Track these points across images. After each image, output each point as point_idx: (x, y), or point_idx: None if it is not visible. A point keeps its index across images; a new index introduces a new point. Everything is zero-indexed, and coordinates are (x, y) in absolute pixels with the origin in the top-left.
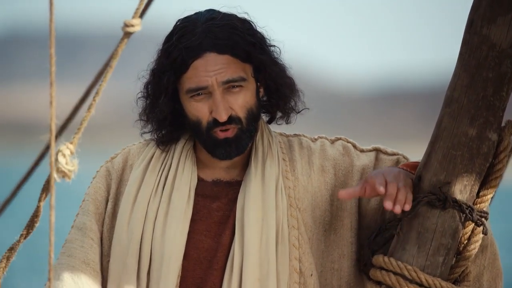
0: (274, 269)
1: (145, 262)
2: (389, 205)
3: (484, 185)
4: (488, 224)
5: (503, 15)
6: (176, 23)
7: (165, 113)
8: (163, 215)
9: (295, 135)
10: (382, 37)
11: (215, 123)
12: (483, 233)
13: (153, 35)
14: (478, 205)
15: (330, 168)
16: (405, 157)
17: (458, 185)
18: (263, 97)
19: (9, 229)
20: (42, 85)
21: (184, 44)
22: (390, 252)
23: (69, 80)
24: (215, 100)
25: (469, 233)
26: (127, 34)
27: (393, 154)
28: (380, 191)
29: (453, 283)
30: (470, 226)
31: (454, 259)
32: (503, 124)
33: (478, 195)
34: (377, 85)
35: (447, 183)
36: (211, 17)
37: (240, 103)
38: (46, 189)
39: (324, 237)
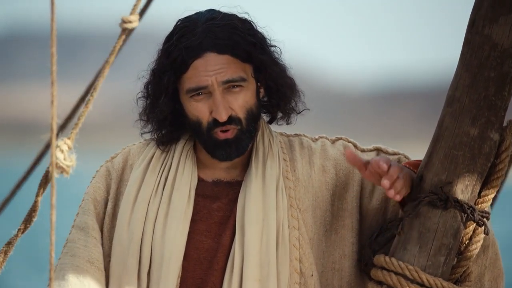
0: (275, 269)
1: (145, 262)
2: (386, 183)
3: (485, 185)
4: (490, 224)
5: (505, 14)
6: (177, 23)
7: (165, 113)
8: (163, 215)
9: (296, 135)
10: (382, 37)
11: (215, 123)
12: (484, 233)
13: (153, 35)
14: (480, 205)
15: (331, 168)
16: (406, 157)
17: (460, 185)
18: (263, 97)
19: (10, 228)
20: (42, 85)
21: (184, 44)
22: (391, 252)
23: (69, 80)
24: (215, 100)
25: (471, 233)
26: (125, 30)
27: (394, 153)
28: (383, 167)
29: (455, 283)
30: (472, 226)
31: (456, 259)
32: (505, 124)
33: (479, 195)
34: (377, 85)
35: (449, 183)
36: (212, 17)
37: (240, 103)
38: (44, 184)
39: (325, 237)
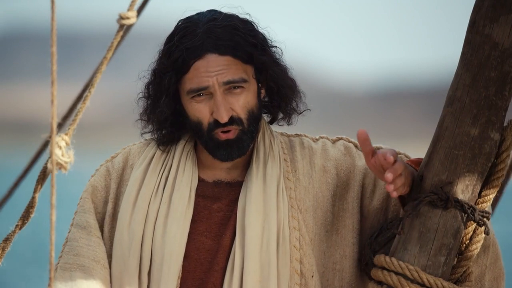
0: (275, 270)
1: (145, 262)
2: (390, 177)
3: (486, 185)
4: (490, 224)
5: (505, 14)
6: (178, 23)
7: (166, 113)
8: (164, 216)
9: (297, 135)
10: (382, 36)
11: (216, 124)
12: (485, 233)
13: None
14: (480, 205)
15: (331, 168)
16: (407, 156)
17: (460, 185)
18: (264, 98)
19: (8, 225)
20: (42, 84)
21: (186, 45)
22: (392, 252)
23: (68, 80)
24: (216, 101)
25: (471, 233)
26: (122, 26)
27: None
28: (389, 159)
29: (455, 283)
30: (472, 226)
31: (456, 259)
32: (505, 124)
33: (480, 195)
34: (377, 85)
35: (449, 182)
36: (213, 17)
37: (241, 104)
38: (41, 179)
39: (326, 238)
